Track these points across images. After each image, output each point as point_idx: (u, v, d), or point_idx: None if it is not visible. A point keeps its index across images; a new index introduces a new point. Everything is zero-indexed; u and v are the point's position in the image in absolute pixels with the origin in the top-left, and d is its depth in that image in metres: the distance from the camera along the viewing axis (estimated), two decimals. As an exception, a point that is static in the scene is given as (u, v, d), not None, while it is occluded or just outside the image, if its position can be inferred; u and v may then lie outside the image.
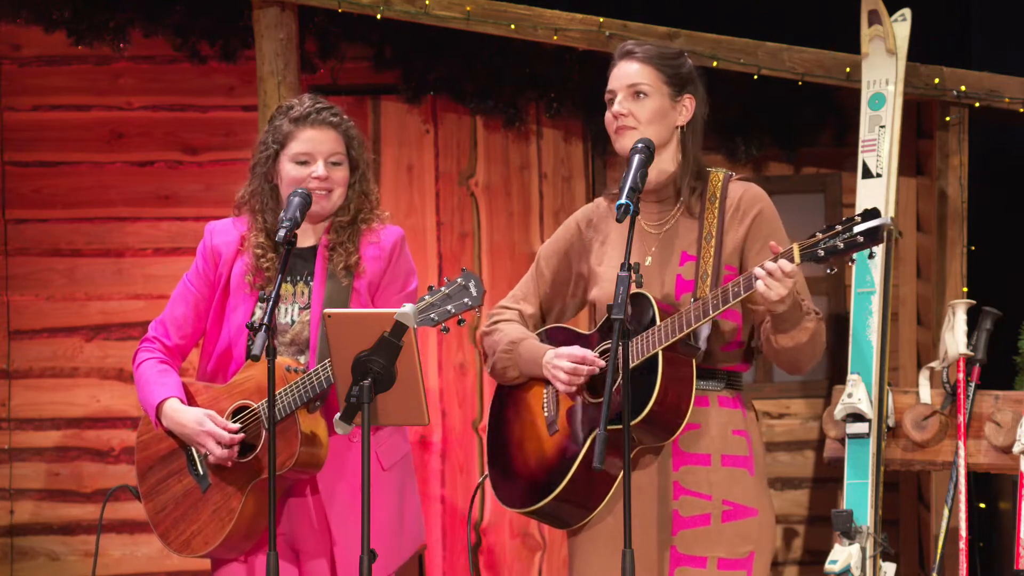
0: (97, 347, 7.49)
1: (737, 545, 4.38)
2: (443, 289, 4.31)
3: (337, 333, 4.27)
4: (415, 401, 4.30)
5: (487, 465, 4.59)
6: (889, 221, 4.08)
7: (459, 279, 4.32)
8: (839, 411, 6.56)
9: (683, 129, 4.48)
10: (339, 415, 4.29)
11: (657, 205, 4.49)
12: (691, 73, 4.50)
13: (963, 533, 6.35)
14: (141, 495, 4.76)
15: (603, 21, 6.84)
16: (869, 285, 6.57)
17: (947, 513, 6.41)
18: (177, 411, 4.65)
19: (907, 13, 6.71)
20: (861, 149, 6.72)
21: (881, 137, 6.66)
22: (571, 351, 4.40)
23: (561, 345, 4.46)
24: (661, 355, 4.27)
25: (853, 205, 6.78)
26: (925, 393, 6.58)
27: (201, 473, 4.65)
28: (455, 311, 4.30)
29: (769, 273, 4.15)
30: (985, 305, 6.48)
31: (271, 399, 4.38)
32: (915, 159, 7.37)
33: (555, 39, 6.87)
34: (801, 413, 7.45)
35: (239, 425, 4.60)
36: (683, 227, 4.46)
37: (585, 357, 4.36)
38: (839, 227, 4.11)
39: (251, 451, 4.61)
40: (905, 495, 7.37)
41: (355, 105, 7.34)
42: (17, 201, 7.50)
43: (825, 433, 6.81)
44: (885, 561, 6.45)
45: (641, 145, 4.35)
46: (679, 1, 7.21)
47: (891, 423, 6.58)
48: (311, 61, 7.35)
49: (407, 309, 4.23)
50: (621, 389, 4.20)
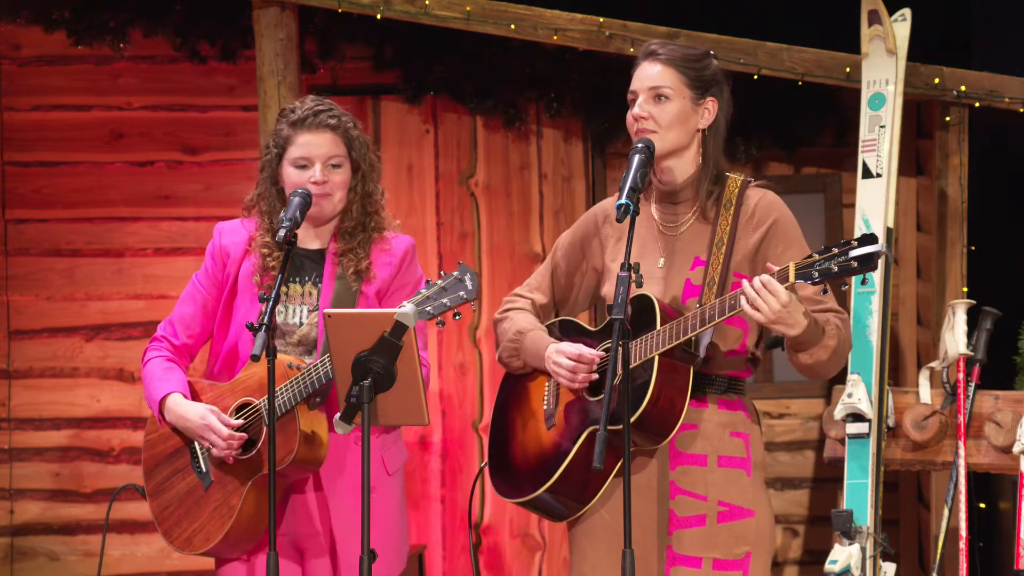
0: (97, 347, 7.49)
1: (732, 546, 4.38)
2: (439, 282, 4.31)
3: (337, 333, 4.27)
4: (415, 401, 4.30)
5: (488, 456, 4.60)
6: (884, 248, 4.10)
7: (455, 273, 4.31)
8: (839, 411, 6.56)
9: (704, 132, 4.47)
10: (339, 415, 4.29)
11: (674, 207, 4.49)
12: (715, 76, 4.48)
13: (963, 533, 6.35)
14: (147, 493, 4.76)
15: (603, 21, 6.84)
16: (869, 285, 6.57)
17: (947, 513, 6.41)
18: (180, 405, 4.66)
19: (907, 13, 6.71)
20: (861, 149, 6.72)
21: (881, 137, 6.66)
22: (570, 347, 4.40)
23: (566, 339, 4.47)
24: (657, 360, 4.28)
25: (853, 205, 6.78)
26: (925, 393, 6.58)
27: (204, 470, 4.66)
28: (450, 304, 4.30)
29: (763, 285, 4.14)
30: (985, 305, 6.48)
31: (271, 399, 4.38)
32: (915, 159, 7.37)
33: (555, 39, 6.87)
34: (801, 413, 7.45)
35: (241, 421, 4.60)
36: (697, 231, 4.45)
37: (582, 355, 4.37)
38: (835, 249, 4.11)
39: (253, 447, 4.62)
40: (905, 495, 7.37)
41: (355, 105, 7.35)
42: (17, 201, 7.50)
43: (825, 433, 6.81)
44: (885, 561, 6.45)
45: (641, 145, 4.35)
46: (679, 1, 7.21)
47: (891, 423, 6.58)
48: (311, 61, 7.35)
49: (407, 309, 4.23)
50: (616, 389, 4.21)
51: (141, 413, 7.46)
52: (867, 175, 6.67)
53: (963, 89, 6.89)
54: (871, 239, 4.08)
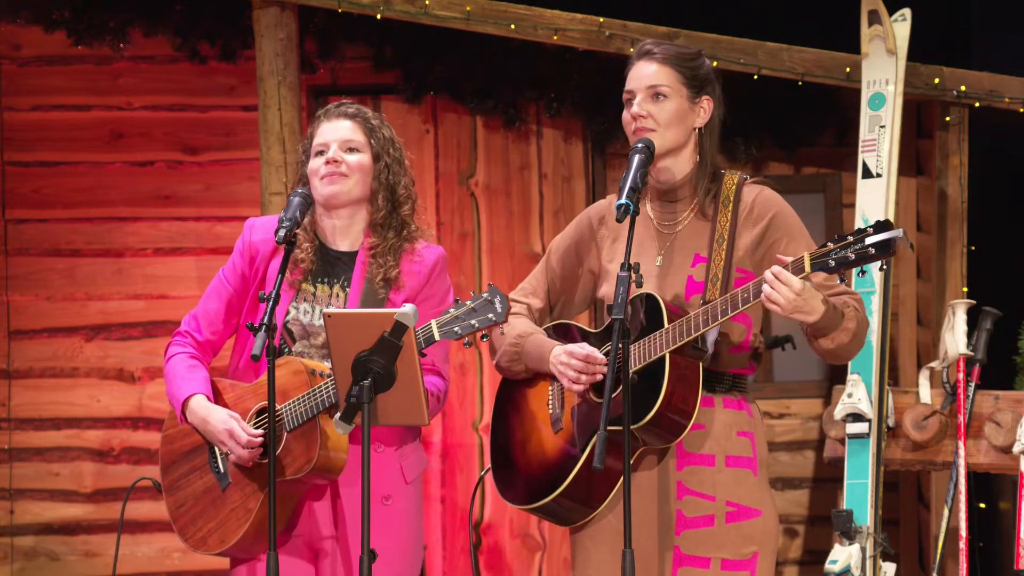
0: (97, 347, 7.49)
1: (740, 546, 4.38)
2: (468, 303, 4.30)
3: (337, 333, 4.27)
4: (415, 401, 4.30)
5: (490, 460, 4.59)
6: (902, 234, 4.07)
7: (485, 294, 4.30)
8: (839, 411, 6.57)
9: (701, 131, 4.48)
10: (339, 415, 4.29)
11: (671, 205, 4.49)
12: (709, 74, 4.50)
13: (963, 533, 6.35)
14: (163, 489, 4.75)
15: (603, 21, 6.84)
16: (869, 285, 6.57)
17: (947, 513, 6.41)
18: (202, 407, 4.63)
19: (907, 13, 6.71)
20: (861, 149, 6.72)
21: (881, 137, 6.67)
22: (578, 349, 4.39)
23: (567, 341, 4.46)
24: (668, 358, 4.27)
25: (853, 205, 6.78)
26: (925, 393, 6.58)
27: (222, 471, 4.64)
28: (479, 326, 4.29)
29: (775, 276, 4.14)
30: (985, 305, 6.49)
31: (271, 399, 4.38)
32: (915, 159, 7.37)
33: (555, 39, 6.88)
34: (801, 413, 7.45)
35: (260, 431, 4.57)
36: (696, 228, 4.45)
37: (591, 355, 4.36)
38: (851, 238, 4.09)
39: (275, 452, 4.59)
40: (905, 495, 7.37)
41: (355, 105, 7.34)
42: (17, 201, 7.50)
43: (825, 433, 6.81)
44: (885, 561, 6.46)
45: (641, 145, 4.35)
46: (679, 1, 7.22)
47: (891, 423, 6.59)
48: (311, 61, 7.35)
49: (407, 309, 4.23)
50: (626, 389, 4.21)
51: (141, 413, 7.46)
52: (867, 175, 6.68)
53: (963, 89, 6.90)
54: (887, 225, 4.06)
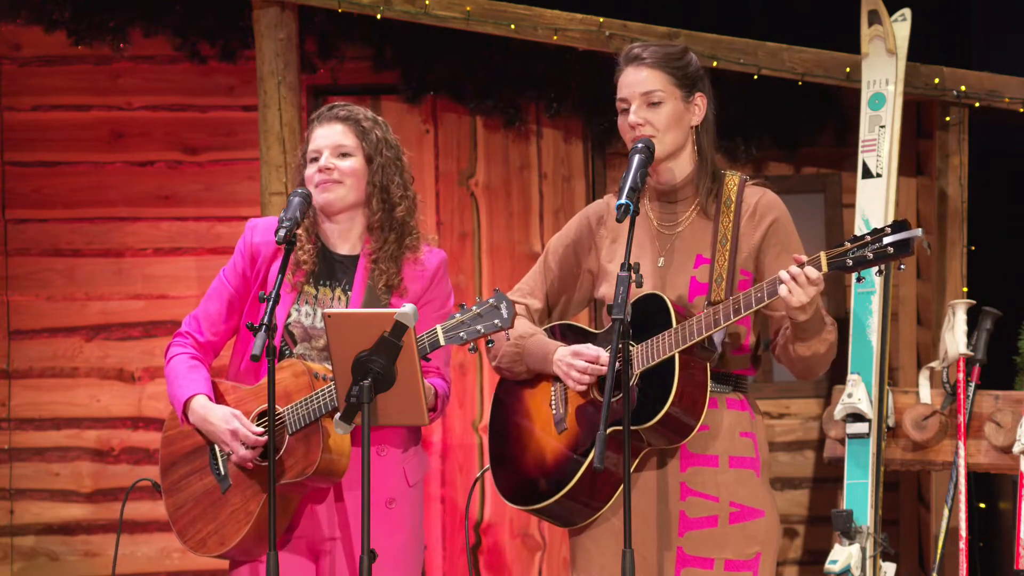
0: (97, 347, 7.49)
1: (744, 546, 4.38)
2: (474, 308, 4.29)
3: (337, 333, 4.26)
4: (415, 401, 4.30)
5: (490, 462, 4.58)
6: (921, 233, 4.07)
7: (491, 300, 4.29)
8: (839, 411, 6.56)
9: (697, 128, 4.47)
10: (339, 415, 4.29)
11: (671, 206, 4.48)
12: (698, 70, 4.48)
13: (963, 533, 6.35)
14: (163, 490, 4.74)
15: (603, 21, 6.84)
16: (869, 285, 6.57)
17: (947, 513, 6.41)
18: (204, 407, 4.63)
19: (907, 13, 6.71)
20: (861, 149, 6.72)
21: (881, 137, 6.67)
22: (586, 349, 4.39)
23: (570, 342, 4.45)
24: (678, 358, 4.27)
25: (853, 205, 6.78)
26: (925, 393, 6.58)
27: (222, 473, 4.63)
28: (484, 331, 4.28)
29: (793, 278, 4.14)
30: (985, 305, 6.48)
31: (271, 400, 4.38)
32: (915, 159, 7.37)
33: (555, 39, 6.87)
34: (801, 413, 7.45)
35: (262, 429, 4.57)
36: (698, 229, 4.45)
37: (598, 356, 4.36)
38: (868, 237, 4.09)
39: (275, 454, 4.59)
40: (905, 495, 7.37)
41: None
42: (17, 201, 7.50)
43: (825, 433, 6.81)
44: (885, 561, 6.45)
45: (641, 145, 4.34)
46: (679, 1, 7.22)
47: (891, 423, 6.59)
48: (311, 61, 7.35)
49: (407, 309, 4.22)
50: (633, 390, 4.20)
51: (141, 413, 7.46)
52: (867, 175, 6.67)
53: (963, 89, 6.90)
54: (905, 225, 4.06)
